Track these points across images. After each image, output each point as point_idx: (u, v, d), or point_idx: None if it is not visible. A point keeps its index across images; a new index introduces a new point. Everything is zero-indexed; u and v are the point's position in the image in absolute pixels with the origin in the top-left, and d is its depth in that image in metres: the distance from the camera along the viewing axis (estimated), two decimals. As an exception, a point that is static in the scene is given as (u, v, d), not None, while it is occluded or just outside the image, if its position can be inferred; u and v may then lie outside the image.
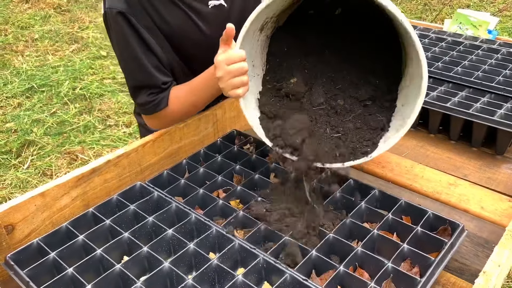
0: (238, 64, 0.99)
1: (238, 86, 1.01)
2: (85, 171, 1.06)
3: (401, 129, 0.97)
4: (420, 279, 0.83)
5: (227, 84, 1.01)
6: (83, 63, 3.84)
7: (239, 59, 0.99)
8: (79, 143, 2.89)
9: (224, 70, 1.00)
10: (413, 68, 0.97)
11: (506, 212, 1.07)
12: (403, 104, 1.03)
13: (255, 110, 1.09)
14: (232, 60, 0.99)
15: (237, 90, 1.01)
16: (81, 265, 0.87)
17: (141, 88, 1.21)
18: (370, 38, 1.11)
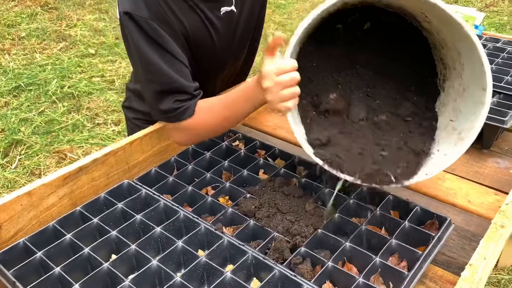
0: (290, 74, 0.91)
1: (289, 98, 0.92)
2: (72, 170, 1.06)
3: (460, 142, 0.95)
4: (408, 273, 0.83)
5: (277, 96, 0.92)
6: (71, 61, 3.81)
7: (291, 68, 0.91)
8: (67, 142, 2.87)
9: (273, 81, 0.91)
10: (464, 77, 0.94)
11: (492, 206, 1.08)
12: (453, 119, 0.99)
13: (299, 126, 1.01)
14: (283, 70, 0.91)
15: (287, 103, 0.92)
16: (69, 264, 0.86)
17: (167, 93, 1.09)
18: (400, 53, 1.07)
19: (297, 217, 0.97)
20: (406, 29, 1.04)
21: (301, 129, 1.01)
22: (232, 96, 1.12)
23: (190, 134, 1.16)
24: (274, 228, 0.95)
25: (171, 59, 1.08)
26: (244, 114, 1.13)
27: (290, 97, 0.92)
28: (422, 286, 0.88)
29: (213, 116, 1.12)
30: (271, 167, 1.15)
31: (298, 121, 1.01)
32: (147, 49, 1.06)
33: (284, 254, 0.89)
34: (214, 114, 1.12)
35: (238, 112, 1.12)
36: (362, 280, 0.82)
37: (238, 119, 1.15)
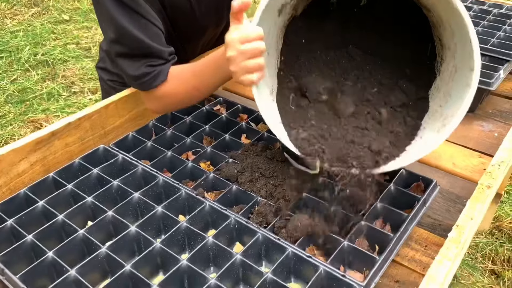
0: (254, 43, 0.82)
1: (253, 70, 0.84)
2: (44, 135, 1.00)
3: (442, 129, 0.86)
4: (393, 235, 0.82)
5: (240, 67, 0.84)
6: (44, 27, 3.65)
7: (256, 37, 0.82)
8: (43, 111, 2.77)
9: (237, 50, 0.83)
10: (456, 57, 0.86)
11: (477, 168, 1.07)
12: (442, 105, 0.91)
13: (269, 103, 0.94)
14: (247, 38, 0.82)
15: (251, 75, 0.84)
16: (42, 232, 0.82)
17: (139, 57, 1.02)
18: (399, 32, 0.99)
19: (280, 181, 0.94)
20: (406, 7, 0.96)
21: (270, 106, 0.93)
22: (201, 64, 1.05)
23: (162, 102, 1.09)
24: (257, 192, 0.92)
25: (143, 22, 1.01)
26: (215, 84, 1.06)
27: (254, 69, 0.84)
28: (407, 248, 0.87)
29: (185, 85, 1.06)
30: (254, 132, 1.12)
31: (269, 98, 0.94)
32: (119, 12, 0.98)
33: (267, 218, 0.86)
34: (183, 81, 1.05)
35: (207, 81, 1.05)
36: (347, 243, 0.80)
37: (208, 88, 1.08)
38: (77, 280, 0.74)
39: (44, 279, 0.77)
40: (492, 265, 1.85)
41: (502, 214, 2.04)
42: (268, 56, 0.94)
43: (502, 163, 0.93)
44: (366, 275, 0.76)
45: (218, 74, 1.02)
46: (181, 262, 0.76)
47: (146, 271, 0.78)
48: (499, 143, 1.03)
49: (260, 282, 0.73)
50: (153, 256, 0.79)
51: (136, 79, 1.04)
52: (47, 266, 0.77)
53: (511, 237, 1.96)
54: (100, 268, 0.79)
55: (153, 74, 1.02)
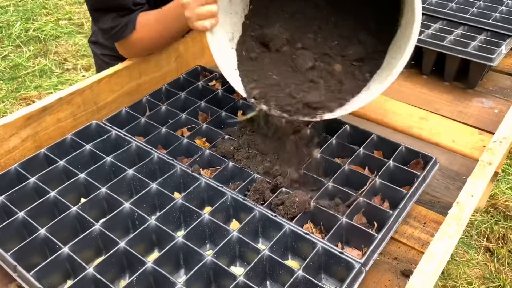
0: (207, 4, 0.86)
1: (206, 17, 0.87)
2: (35, 110, 0.97)
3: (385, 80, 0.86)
4: (392, 212, 0.80)
5: (193, 13, 0.87)
6: (35, 2, 3.56)
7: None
8: (35, 88, 2.72)
9: (190, 11, 0.87)
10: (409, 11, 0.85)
11: (476, 145, 1.05)
12: (394, 57, 0.90)
13: (226, 49, 0.97)
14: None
15: (204, 21, 0.88)
16: (34, 209, 0.80)
17: (105, 11, 1.04)
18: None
19: (278, 158, 0.92)
20: None
21: (226, 52, 0.95)
22: (164, 10, 1.06)
23: (133, 49, 1.12)
24: (254, 169, 0.90)
25: None
26: (178, 30, 1.08)
27: (207, 16, 0.87)
28: (406, 225, 0.86)
29: (150, 32, 1.08)
30: (250, 108, 1.09)
31: (227, 46, 0.96)
32: None
33: (264, 195, 0.85)
34: (149, 28, 1.07)
35: (170, 28, 1.07)
36: (346, 220, 0.79)
37: (172, 34, 1.10)
38: (70, 258, 0.73)
39: (37, 257, 0.75)
40: (487, 242, 1.86)
41: (498, 192, 2.04)
42: (230, 3, 0.96)
43: (504, 140, 0.91)
44: (364, 252, 0.75)
45: (179, 21, 1.03)
46: (177, 239, 0.75)
47: (141, 249, 0.77)
48: (499, 120, 1.01)
49: (257, 259, 0.72)
50: (148, 233, 0.78)
51: (108, 31, 1.07)
52: (39, 243, 0.76)
53: (506, 215, 1.96)
54: (93, 245, 0.77)
55: (121, 25, 1.05)
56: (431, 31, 1.30)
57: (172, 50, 1.23)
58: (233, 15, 0.98)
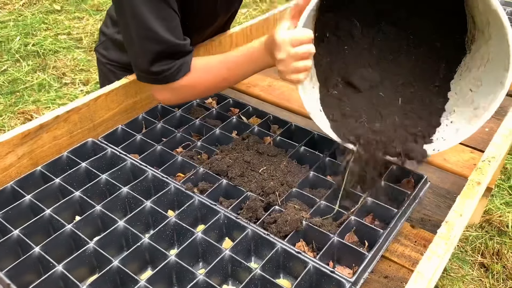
0: (305, 47, 0.85)
1: (301, 71, 0.87)
2: (32, 127, 0.98)
3: (474, 120, 0.89)
4: (383, 231, 0.81)
5: (289, 68, 0.87)
6: (35, 17, 3.60)
7: (307, 40, 0.85)
8: (33, 102, 2.74)
9: (287, 52, 0.85)
10: (489, 47, 0.87)
11: (467, 163, 1.07)
12: (473, 89, 0.92)
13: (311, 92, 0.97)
14: (299, 41, 0.85)
15: (299, 75, 0.88)
16: (28, 227, 0.81)
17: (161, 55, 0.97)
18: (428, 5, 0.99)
19: (271, 176, 0.94)
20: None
21: (312, 97, 0.96)
22: (235, 57, 1.03)
23: (180, 93, 1.05)
24: (247, 187, 0.91)
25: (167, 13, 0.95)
26: (245, 76, 1.05)
27: (303, 70, 0.87)
28: (397, 244, 0.87)
29: (212, 76, 1.04)
30: (245, 126, 1.11)
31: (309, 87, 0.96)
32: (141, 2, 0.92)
33: (257, 213, 0.86)
34: (213, 73, 1.04)
35: (239, 73, 1.04)
36: (337, 239, 0.80)
37: (237, 80, 1.07)
38: (64, 276, 0.73)
39: (31, 275, 0.76)
40: (482, 258, 1.86)
41: (492, 207, 2.05)
42: None
43: (492, 159, 0.93)
44: (355, 270, 0.76)
45: (251, 67, 1.01)
46: (170, 258, 0.76)
47: (134, 267, 0.77)
48: (490, 138, 1.03)
49: (249, 278, 0.73)
50: (142, 252, 0.79)
51: (155, 74, 1.00)
52: (33, 261, 0.76)
53: (500, 231, 1.97)
54: (87, 263, 0.78)
55: (175, 68, 0.99)
56: (423, 50, 1.32)
57: (168, 68, 1.25)
58: None
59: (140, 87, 1.18)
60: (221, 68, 1.03)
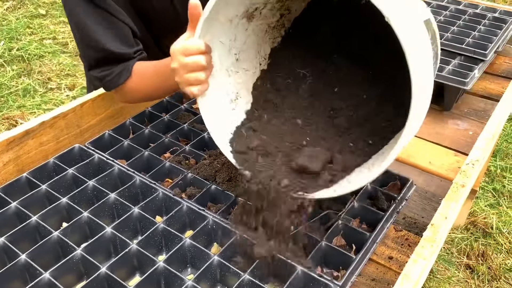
0: (193, 58, 0.81)
1: (194, 83, 0.83)
2: (17, 134, 0.98)
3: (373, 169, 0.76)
4: (369, 234, 0.82)
5: (183, 79, 0.83)
6: (19, 22, 3.56)
7: (196, 51, 0.80)
8: (18, 107, 2.71)
9: (179, 62, 0.82)
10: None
11: (452, 166, 1.09)
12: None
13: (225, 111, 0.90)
14: (188, 52, 0.81)
15: (192, 88, 0.83)
16: (14, 234, 0.80)
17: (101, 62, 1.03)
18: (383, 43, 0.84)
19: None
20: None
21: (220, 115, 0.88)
22: (162, 64, 1.03)
23: (128, 96, 1.10)
24: (235, 191, 0.92)
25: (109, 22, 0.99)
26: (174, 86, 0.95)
27: (195, 83, 0.83)
28: (384, 246, 0.88)
29: (144, 81, 1.05)
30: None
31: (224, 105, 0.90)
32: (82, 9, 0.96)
33: (245, 218, 0.86)
34: (145, 79, 1.05)
35: (167, 83, 1.02)
36: (325, 243, 0.81)
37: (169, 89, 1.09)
38: (51, 283, 0.73)
39: (17, 283, 0.75)
40: (467, 259, 1.89)
41: (477, 209, 2.09)
42: (237, 62, 0.92)
43: (476, 162, 0.95)
44: (343, 274, 0.77)
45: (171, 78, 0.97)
46: (158, 264, 0.76)
47: (122, 273, 0.77)
48: (474, 142, 1.05)
49: (238, 283, 0.73)
50: (130, 258, 0.79)
51: (101, 79, 1.05)
52: (19, 269, 0.75)
53: (485, 232, 2.00)
54: (75, 270, 0.77)
55: (114, 74, 1.03)
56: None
57: (156, 74, 1.25)
58: (242, 73, 0.93)
59: (127, 92, 1.18)
60: (154, 75, 1.04)
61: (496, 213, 2.08)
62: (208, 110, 0.87)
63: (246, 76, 0.95)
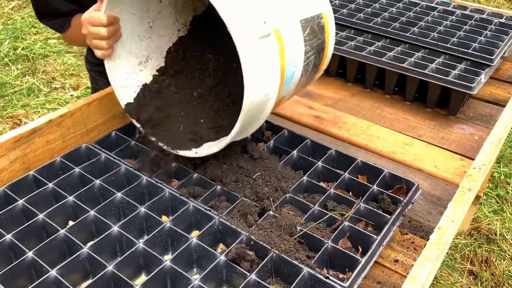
0: (96, 28, 0.94)
1: (98, 47, 0.97)
2: (24, 132, 0.98)
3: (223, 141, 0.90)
4: (376, 237, 0.82)
5: (90, 43, 0.98)
6: (24, 21, 3.57)
7: (99, 23, 0.94)
8: (22, 106, 2.71)
9: (86, 29, 0.97)
10: None
11: (458, 171, 1.08)
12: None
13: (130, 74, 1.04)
14: (92, 22, 0.94)
15: (96, 51, 0.98)
16: (21, 231, 0.81)
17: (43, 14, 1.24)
18: None
19: (265, 181, 0.94)
20: None
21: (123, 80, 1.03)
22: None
23: (69, 40, 1.36)
24: (241, 192, 0.92)
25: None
26: None
27: (98, 48, 0.97)
28: (390, 250, 0.88)
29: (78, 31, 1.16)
30: (238, 131, 1.11)
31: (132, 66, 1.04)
32: None
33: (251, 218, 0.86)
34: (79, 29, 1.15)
35: None
36: (331, 244, 0.81)
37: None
38: (57, 281, 0.73)
39: (23, 280, 0.75)
40: (471, 265, 1.88)
41: (480, 215, 2.08)
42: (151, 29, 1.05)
43: (482, 166, 0.94)
44: (349, 276, 0.76)
45: None
46: (164, 263, 0.76)
47: (128, 272, 0.77)
48: (480, 146, 1.05)
49: (244, 284, 0.73)
50: (136, 257, 0.79)
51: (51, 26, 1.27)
52: (26, 266, 0.76)
53: (489, 238, 2.00)
54: (81, 268, 0.77)
55: (58, 24, 1.25)
56: (414, 59, 1.34)
57: (162, 74, 1.25)
58: (156, 39, 1.06)
59: (133, 92, 1.18)
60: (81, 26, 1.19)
61: (500, 219, 2.07)
62: (114, 71, 1.01)
63: (161, 41, 1.08)
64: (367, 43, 1.44)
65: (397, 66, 1.31)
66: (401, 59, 1.34)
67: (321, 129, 1.22)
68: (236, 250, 0.77)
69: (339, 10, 1.59)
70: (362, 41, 1.46)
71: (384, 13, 1.57)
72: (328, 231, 0.85)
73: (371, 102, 1.35)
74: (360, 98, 1.37)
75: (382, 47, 1.42)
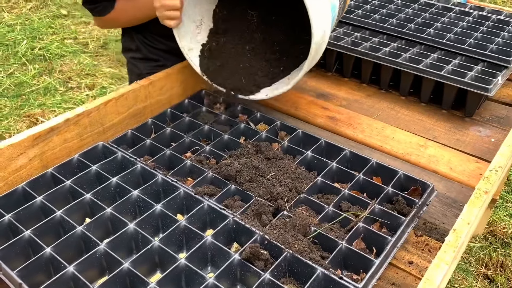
0: (172, 1, 1.10)
1: (171, 18, 1.13)
2: (43, 130, 1.00)
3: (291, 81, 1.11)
4: (390, 238, 0.82)
5: (161, 14, 1.13)
6: (42, 22, 3.63)
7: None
8: (39, 105, 2.76)
9: (160, 2, 1.11)
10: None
11: (473, 173, 1.07)
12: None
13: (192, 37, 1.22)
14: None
15: (169, 22, 1.13)
16: (39, 228, 0.82)
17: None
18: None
19: (279, 181, 0.94)
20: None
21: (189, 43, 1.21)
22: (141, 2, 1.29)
23: (108, 24, 1.42)
24: (256, 192, 0.92)
25: None
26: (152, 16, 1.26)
27: (171, 18, 1.13)
28: (404, 251, 0.87)
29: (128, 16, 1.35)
30: (253, 132, 1.12)
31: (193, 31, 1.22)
32: None
33: (266, 217, 0.86)
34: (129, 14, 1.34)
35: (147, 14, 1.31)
36: (345, 245, 0.81)
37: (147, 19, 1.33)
38: (74, 277, 0.74)
39: (41, 275, 0.76)
40: (486, 269, 1.86)
41: (496, 219, 2.06)
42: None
43: (499, 169, 0.94)
44: (363, 277, 0.76)
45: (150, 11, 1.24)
46: (179, 261, 0.76)
47: (143, 269, 0.78)
48: (496, 149, 1.04)
49: (258, 283, 0.73)
50: (151, 255, 0.80)
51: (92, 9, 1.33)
52: (44, 262, 0.77)
53: (504, 242, 1.97)
54: (97, 265, 0.79)
55: (101, 7, 1.32)
56: (430, 61, 1.34)
57: (178, 74, 1.26)
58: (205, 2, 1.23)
59: (149, 92, 1.20)
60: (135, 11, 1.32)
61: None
62: (181, 37, 1.19)
63: (209, 4, 1.24)
64: (382, 44, 1.43)
65: (413, 68, 1.30)
66: (416, 60, 1.34)
67: (336, 130, 1.21)
68: (250, 249, 0.78)
69: (354, 11, 1.58)
70: (377, 42, 1.45)
71: (400, 14, 1.56)
72: (342, 232, 0.85)
73: (386, 103, 1.34)
74: (375, 99, 1.36)
75: (398, 48, 1.42)
